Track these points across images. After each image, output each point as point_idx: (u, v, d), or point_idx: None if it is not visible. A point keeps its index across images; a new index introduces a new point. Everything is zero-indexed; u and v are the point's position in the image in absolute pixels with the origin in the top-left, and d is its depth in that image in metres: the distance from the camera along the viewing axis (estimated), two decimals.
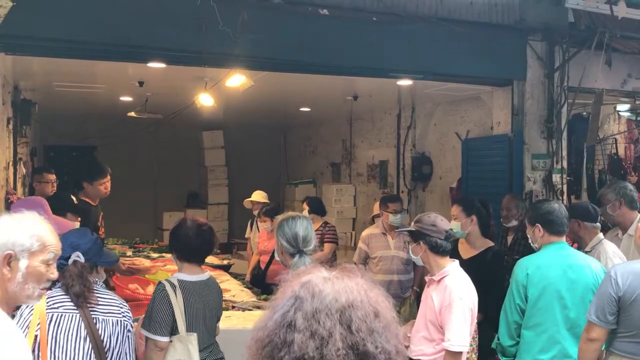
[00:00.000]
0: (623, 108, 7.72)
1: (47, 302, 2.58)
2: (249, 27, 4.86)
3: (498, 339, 3.75)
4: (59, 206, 3.82)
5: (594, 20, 6.11)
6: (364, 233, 5.90)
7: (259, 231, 7.39)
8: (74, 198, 4.57)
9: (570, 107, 6.34)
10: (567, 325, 3.56)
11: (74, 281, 2.59)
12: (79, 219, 4.16)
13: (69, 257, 2.63)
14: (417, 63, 5.76)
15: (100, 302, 2.66)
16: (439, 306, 3.24)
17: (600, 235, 4.38)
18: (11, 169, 6.22)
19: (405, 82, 6.67)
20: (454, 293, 3.22)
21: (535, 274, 3.60)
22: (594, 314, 3.15)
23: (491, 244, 4.59)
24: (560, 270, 3.59)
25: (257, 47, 5.02)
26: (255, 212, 7.34)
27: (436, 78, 6.29)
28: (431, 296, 3.33)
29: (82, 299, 2.58)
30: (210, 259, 6.22)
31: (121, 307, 2.73)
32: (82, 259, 2.65)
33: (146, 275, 5.49)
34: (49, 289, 2.81)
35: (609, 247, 4.25)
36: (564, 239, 3.76)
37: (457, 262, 3.43)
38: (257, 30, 4.94)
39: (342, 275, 1.35)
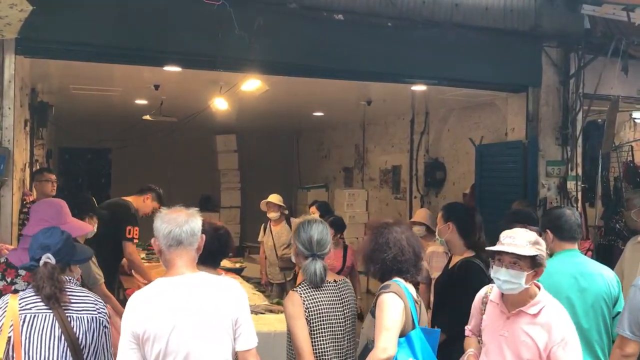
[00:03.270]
0: (639, 115, 7.66)
1: (20, 304, 2.57)
2: (265, 32, 4.90)
3: None
4: (80, 208, 3.85)
5: (610, 27, 6.08)
6: (429, 249, 5.15)
7: (272, 235, 7.42)
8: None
9: (585, 114, 6.31)
10: (578, 333, 3.52)
11: (45, 283, 2.56)
12: (96, 221, 4.20)
13: (39, 259, 2.62)
14: (431, 68, 5.76)
15: (73, 301, 2.64)
16: (546, 344, 2.81)
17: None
18: (27, 170, 6.28)
19: (419, 88, 6.67)
20: (567, 328, 2.85)
21: (546, 281, 3.56)
22: (628, 329, 2.98)
23: (469, 254, 3.95)
24: (572, 278, 3.54)
25: (272, 52, 5.05)
26: (270, 215, 7.35)
27: (451, 84, 6.28)
28: (525, 332, 2.85)
29: (53, 300, 2.57)
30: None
31: (96, 304, 2.71)
32: (52, 260, 2.62)
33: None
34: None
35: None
36: (576, 246, 3.70)
37: (542, 287, 3.01)
38: (273, 35, 4.98)
39: (400, 223, 3.17)
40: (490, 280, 3.11)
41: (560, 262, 3.64)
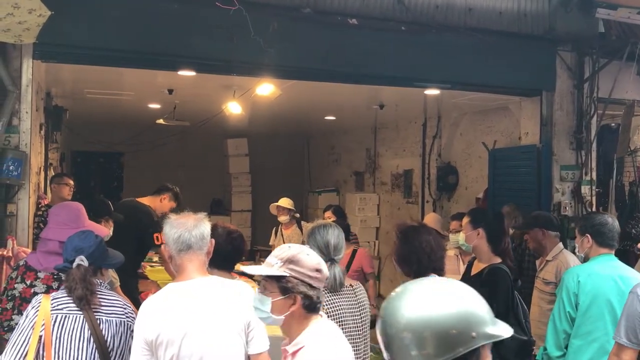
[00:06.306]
0: None
1: (52, 304, 2.63)
2: (279, 36, 4.91)
3: (545, 349, 3.69)
4: (96, 212, 3.88)
5: (625, 31, 6.05)
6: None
7: (283, 238, 7.42)
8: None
9: (600, 118, 6.28)
10: None
11: (77, 284, 2.63)
12: (112, 224, 4.23)
13: (73, 261, 2.69)
14: (445, 72, 5.76)
15: (103, 304, 2.70)
16: None
17: (560, 244, 4.60)
18: (42, 173, 6.33)
19: (432, 92, 6.66)
20: None
21: (587, 282, 3.58)
22: (624, 336, 2.98)
23: (496, 260, 3.86)
24: (612, 281, 3.57)
25: (286, 57, 5.06)
26: (280, 219, 7.36)
27: (464, 88, 6.27)
28: None
29: (84, 302, 2.63)
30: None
31: (125, 308, 2.77)
32: (85, 263, 2.68)
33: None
34: (55, 290, 2.88)
35: (570, 257, 4.45)
36: (613, 252, 3.73)
37: (324, 318, 2.30)
38: (287, 40, 4.99)
39: (424, 225, 3.50)
40: (514, 286, 3.31)
41: (599, 265, 3.67)
